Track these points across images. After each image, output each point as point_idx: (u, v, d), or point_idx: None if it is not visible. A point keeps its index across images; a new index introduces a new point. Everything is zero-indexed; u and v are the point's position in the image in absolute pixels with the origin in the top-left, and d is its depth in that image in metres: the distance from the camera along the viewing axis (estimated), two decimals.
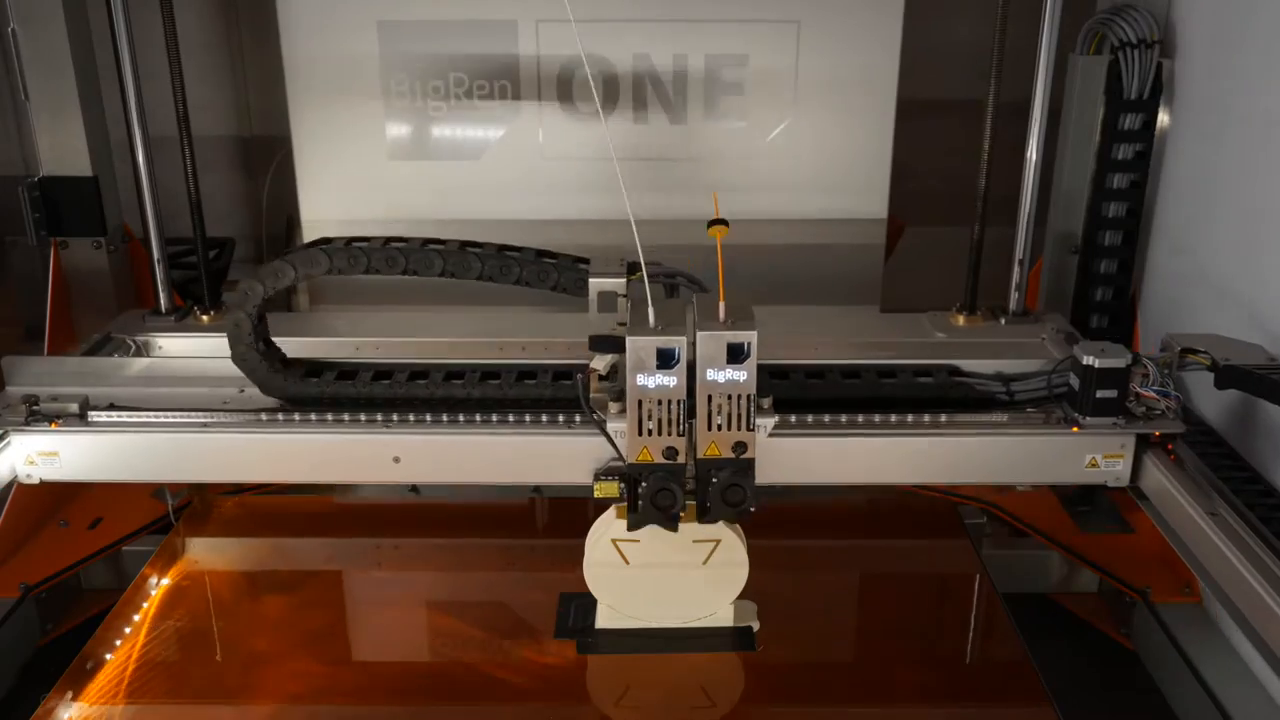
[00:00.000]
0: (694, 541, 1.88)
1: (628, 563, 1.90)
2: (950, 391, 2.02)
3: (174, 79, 2.35)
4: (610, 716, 1.90)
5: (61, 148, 2.47)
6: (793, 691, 1.92)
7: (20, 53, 2.39)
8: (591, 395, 1.78)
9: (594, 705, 1.90)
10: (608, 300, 1.84)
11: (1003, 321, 2.42)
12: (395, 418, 1.93)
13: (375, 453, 1.93)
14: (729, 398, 1.69)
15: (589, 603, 1.96)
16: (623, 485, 1.78)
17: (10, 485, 1.92)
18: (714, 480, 1.75)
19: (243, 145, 3.12)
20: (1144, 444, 1.93)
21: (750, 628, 1.95)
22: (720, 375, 1.68)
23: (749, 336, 1.66)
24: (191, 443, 1.92)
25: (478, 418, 1.93)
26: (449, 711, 1.89)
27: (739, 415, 1.71)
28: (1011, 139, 2.37)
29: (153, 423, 1.92)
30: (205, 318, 2.39)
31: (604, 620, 1.96)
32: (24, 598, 2.23)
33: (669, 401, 1.69)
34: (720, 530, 1.88)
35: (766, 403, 1.76)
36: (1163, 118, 2.38)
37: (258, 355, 1.94)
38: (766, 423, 1.76)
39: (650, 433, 1.71)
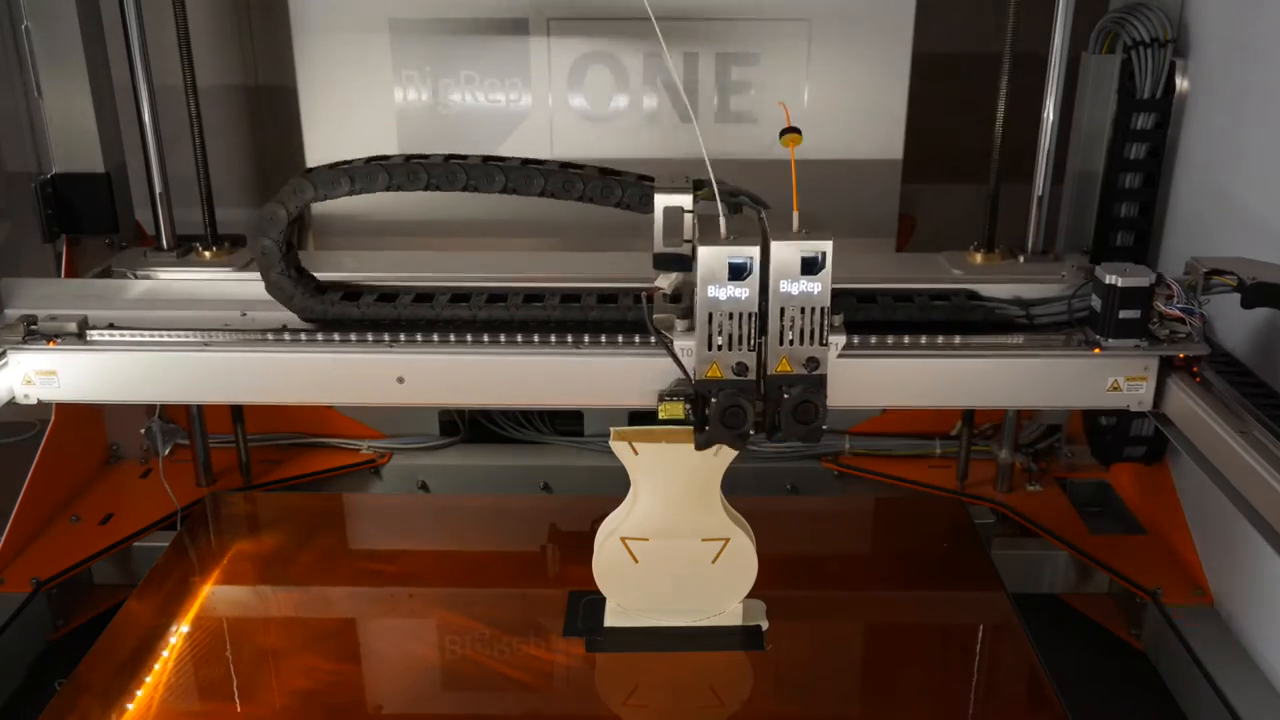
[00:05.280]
0: (703, 540, 1.88)
1: (636, 561, 1.90)
2: (966, 315, 1.96)
3: (185, 74, 2.35)
4: (618, 715, 1.90)
5: (74, 145, 2.47)
6: (801, 691, 1.92)
7: (33, 50, 2.40)
8: (655, 316, 1.74)
9: (602, 703, 1.91)
10: (674, 215, 1.78)
11: (1021, 260, 2.35)
12: (402, 337, 1.88)
13: (379, 372, 1.88)
14: (802, 310, 1.66)
15: (598, 601, 1.97)
16: (688, 405, 1.72)
17: (8, 405, 1.89)
18: (785, 397, 1.69)
19: (254, 144, 3.12)
20: (1168, 367, 1.87)
21: (759, 627, 1.95)
22: (794, 287, 1.64)
23: (825, 246, 1.62)
24: (191, 362, 1.88)
25: (485, 338, 1.88)
26: (456, 708, 1.89)
27: (812, 329, 1.67)
28: (1029, 89, 2.33)
29: (152, 342, 1.88)
30: (207, 254, 2.38)
31: (612, 619, 1.96)
32: (35, 593, 2.24)
33: (740, 315, 1.66)
34: (730, 529, 1.88)
35: (838, 320, 1.71)
36: (1181, 83, 2.34)
37: (291, 282, 1.89)
38: (838, 340, 1.72)
39: (720, 348, 1.67)
